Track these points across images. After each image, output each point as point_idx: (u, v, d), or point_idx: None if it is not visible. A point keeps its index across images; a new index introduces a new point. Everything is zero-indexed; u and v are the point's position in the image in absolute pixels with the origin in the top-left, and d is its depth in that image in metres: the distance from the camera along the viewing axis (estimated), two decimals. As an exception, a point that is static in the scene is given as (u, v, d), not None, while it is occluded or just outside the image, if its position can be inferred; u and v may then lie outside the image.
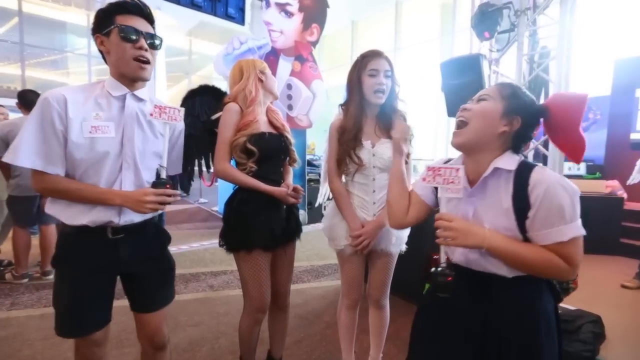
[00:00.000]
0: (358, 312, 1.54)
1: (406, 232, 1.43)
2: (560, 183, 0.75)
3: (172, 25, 10.78)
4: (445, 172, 0.81)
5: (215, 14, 4.13)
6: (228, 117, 1.29)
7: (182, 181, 1.51)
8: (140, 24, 0.99)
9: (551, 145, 2.10)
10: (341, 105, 1.41)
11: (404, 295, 2.53)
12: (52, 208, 1.00)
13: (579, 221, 0.76)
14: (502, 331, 0.83)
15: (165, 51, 11.17)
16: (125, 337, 1.88)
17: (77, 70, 10.33)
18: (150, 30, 1.01)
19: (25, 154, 0.90)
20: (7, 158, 0.91)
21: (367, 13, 10.00)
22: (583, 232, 0.75)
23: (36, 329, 2.00)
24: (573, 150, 0.87)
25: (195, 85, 1.48)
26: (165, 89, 10.84)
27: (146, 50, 0.99)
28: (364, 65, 1.30)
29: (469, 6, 3.04)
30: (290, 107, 4.55)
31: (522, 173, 0.79)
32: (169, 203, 0.99)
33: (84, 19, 9.91)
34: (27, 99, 2.59)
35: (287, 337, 1.93)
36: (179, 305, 2.32)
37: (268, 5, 4.22)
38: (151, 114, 0.98)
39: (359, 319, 1.56)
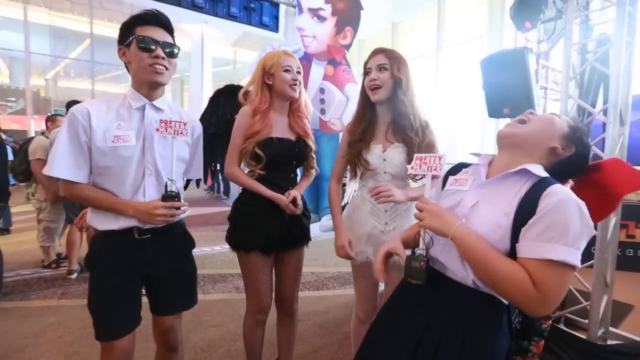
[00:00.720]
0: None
1: None
2: (579, 204, 0.65)
3: (218, 37, 11.46)
4: (430, 160, 0.84)
5: (250, 23, 4.28)
6: (239, 121, 1.30)
7: (224, 185, 1.58)
8: (158, 34, 1.02)
9: (608, 147, 1.81)
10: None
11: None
12: (89, 216, 1.09)
13: (579, 253, 0.64)
14: (442, 343, 0.74)
15: (212, 62, 11.90)
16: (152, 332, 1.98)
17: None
18: (168, 40, 1.04)
19: (56, 165, 0.98)
20: (45, 170, 1.00)
21: (408, 14, 9.73)
22: (578, 263, 0.63)
23: (78, 318, 2.18)
24: (601, 210, 0.82)
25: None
26: (244, 86, 11.51)
27: (163, 58, 1.02)
28: (364, 67, 1.28)
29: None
30: (323, 111, 4.54)
31: (544, 182, 0.71)
32: (178, 215, 1.04)
33: (143, 36, 10.91)
34: None
35: (303, 345, 1.90)
36: (204, 305, 2.39)
37: (301, 11, 4.27)
38: (157, 129, 1.00)
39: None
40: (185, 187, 1.49)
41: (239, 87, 1.54)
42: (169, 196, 1.02)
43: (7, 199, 2.70)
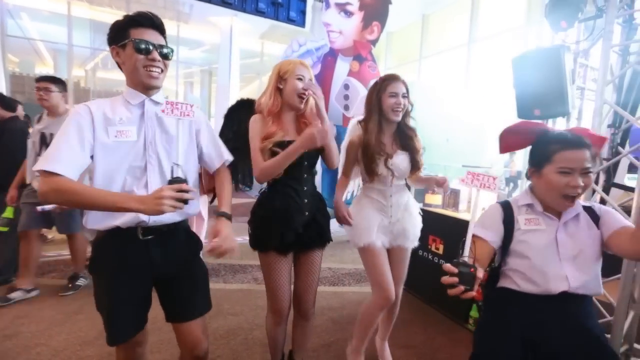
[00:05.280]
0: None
1: (418, 228, 1.62)
2: None
3: (246, 29, 11.58)
4: (483, 178, 0.93)
5: (277, 19, 4.32)
6: (253, 128, 1.33)
7: (243, 178, 1.63)
8: (152, 36, 1.04)
9: None
10: (360, 121, 1.55)
11: (448, 312, 2.35)
12: (88, 217, 1.04)
13: None
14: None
15: (240, 54, 12.08)
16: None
17: (167, 75, 11.82)
18: (162, 42, 1.06)
19: (55, 160, 0.92)
20: (40, 165, 0.92)
21: (439, 4, 9.37)
22: None
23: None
24: None
25: (264, 86, 1.53)
26: (238, 89, 11.73)
27: (158, 60, 1.04)
28: (384, 88, 1.47)
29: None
30: (346, 108, 4.53)
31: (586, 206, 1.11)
32: (187, 200, 0.94)
33: (174, 29, 11.22)
34: None
35: (316, 339, 1.97)
36: (225, 294, 2.52)
37: (328, 6, 4.25)
38: (162, 110, 0.98)
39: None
40: (212, 201, 1.52)
41: (249, 101, 1.58)
42: (174, 180, 0.95)
43: None
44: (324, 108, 1.31)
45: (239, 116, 1.46)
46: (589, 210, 1.09)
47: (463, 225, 2.29)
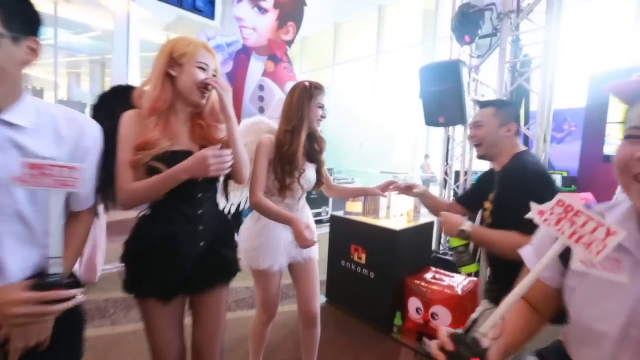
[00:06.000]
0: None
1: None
2: None
3: (148, 18, 10.31)
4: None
5: (181, 7, 3.81)
6: (125, 130, 0.93)
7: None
8: None
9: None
10: (287, 129, 1.36)
11: (372, 323, 2.30)
12: None
13: None
14: None
15: (140, 45, 10.67)
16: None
17: (43, 62, 9.68)
18: None
19: None
20: None
21: (350, 15, 9.87)
22: None
23: None
24: None
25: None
26: (138, 85, 10.33)
27: None
28: (314, 97, 1.39)
29: (450, 13, 2.88)
30: (261, 110, 4.28)
31: None
32: (57, 312, 0.64)
33: (51, 7, 9.35)
34: None
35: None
36: (112, 340, 1.99)
37: (239, -1, 3.94)
38: (18, 179, 0.61)
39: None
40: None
41: (127, 87, 1.09)
42: (44, 284, 0.62)
43: None
44: (230, 104, 0.99)
45: (112, 108, 1.01)
46: None
47: (385, 232, 2.28)
